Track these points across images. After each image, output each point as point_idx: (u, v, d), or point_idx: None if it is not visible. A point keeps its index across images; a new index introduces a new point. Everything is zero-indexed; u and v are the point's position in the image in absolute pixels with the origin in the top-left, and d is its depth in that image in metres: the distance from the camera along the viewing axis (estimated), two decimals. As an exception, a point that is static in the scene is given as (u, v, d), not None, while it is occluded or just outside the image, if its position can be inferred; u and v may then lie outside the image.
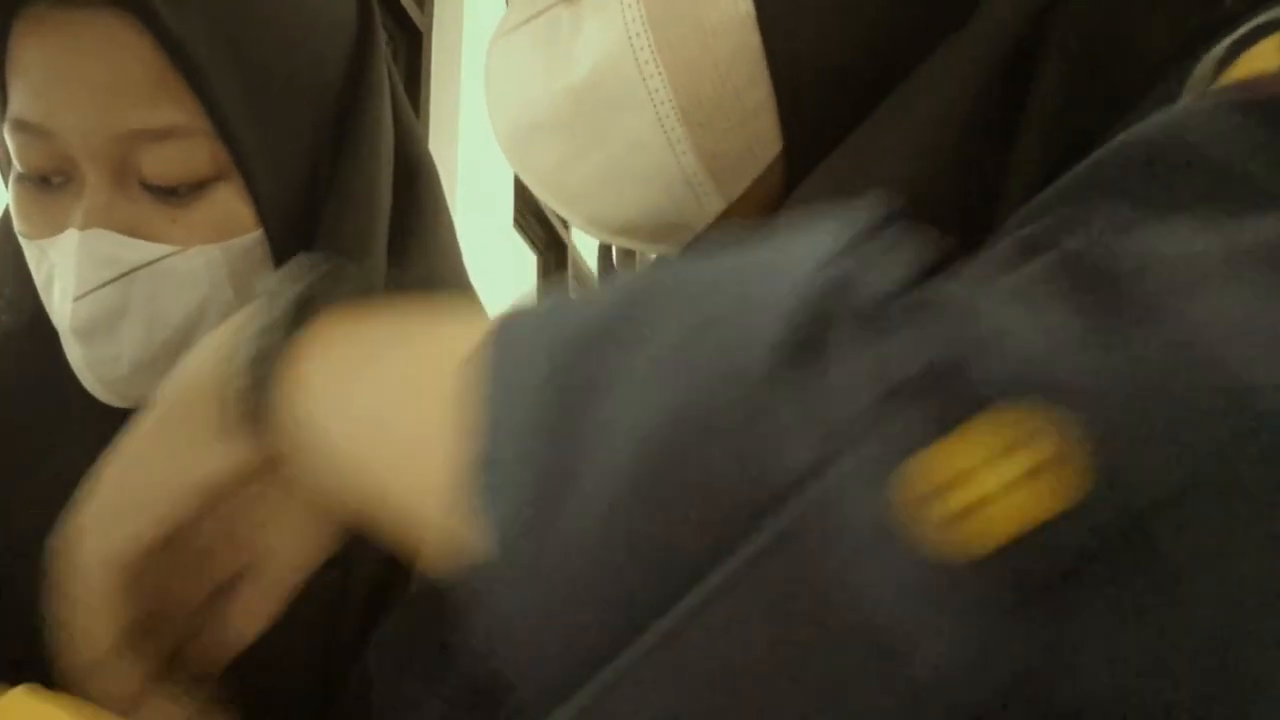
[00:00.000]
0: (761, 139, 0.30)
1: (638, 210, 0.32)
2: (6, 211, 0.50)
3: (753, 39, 0.28)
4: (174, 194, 0.44)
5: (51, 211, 0.44)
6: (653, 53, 0.29)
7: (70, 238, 0.43)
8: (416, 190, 0.56)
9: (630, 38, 0.29)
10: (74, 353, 0.45)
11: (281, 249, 0.47)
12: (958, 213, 0.26)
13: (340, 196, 0.49)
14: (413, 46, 1.95)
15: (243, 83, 0.44)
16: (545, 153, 0.33)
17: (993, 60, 0.26)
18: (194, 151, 0.43)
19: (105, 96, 0.41)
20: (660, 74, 0.29)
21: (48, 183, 0.44)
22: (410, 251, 0.55)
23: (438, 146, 1.92)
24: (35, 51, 0.42)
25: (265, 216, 0.46)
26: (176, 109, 0.42)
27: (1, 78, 0.44)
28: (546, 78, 0.31)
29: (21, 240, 0.46)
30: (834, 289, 0.15)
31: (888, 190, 0.25)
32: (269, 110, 0.45)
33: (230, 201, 0.45)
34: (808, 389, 0.14)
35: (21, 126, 0.43)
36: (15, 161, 0.45)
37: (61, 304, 0.43)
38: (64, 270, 0.43)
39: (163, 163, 0.43)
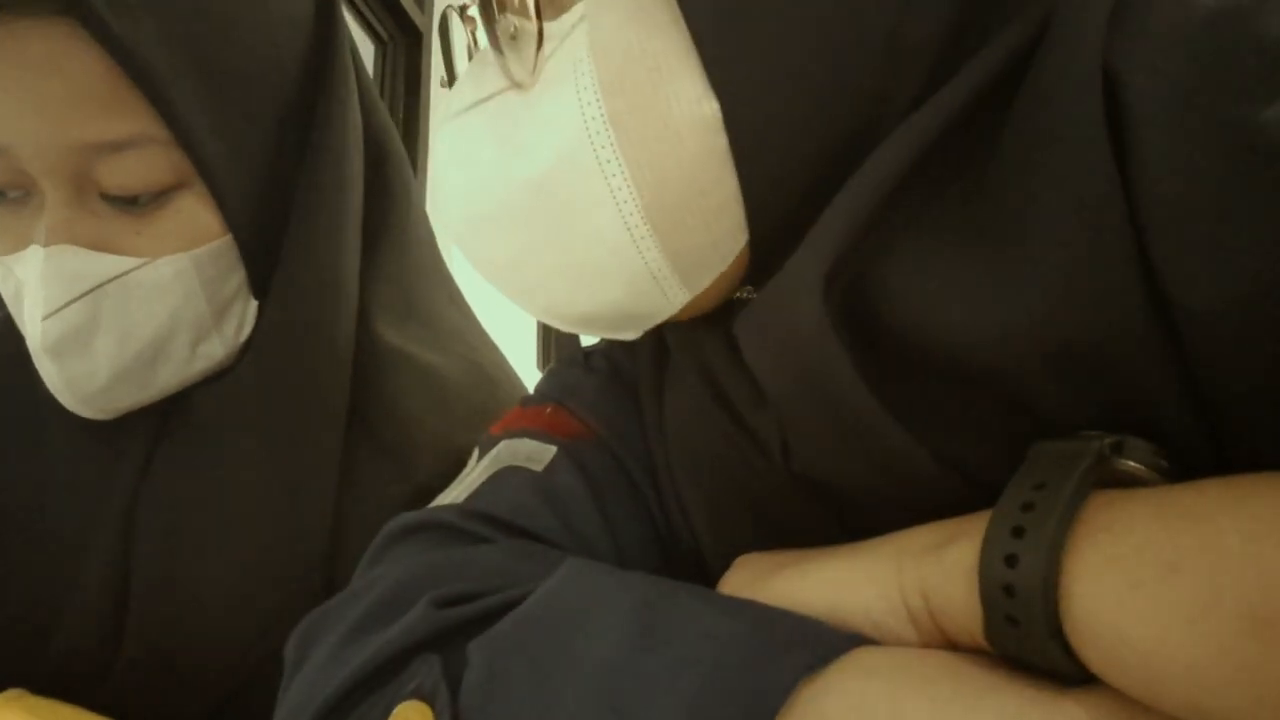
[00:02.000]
0: (727, 235, 0.29)
1: (599, 304, 0.31)
2: None
3: (719, 140, 0.27)
4: (136, 204, 0.43)
5: (12, 227, 0.43)
6: (614, 151, 0.28)
7: (35, 255, 0.42)
8: (386, 182, 0.55)
9: (590, 135, 0.28)
10: (48, 370, 0.44)
11: (251, 252, 0.47)
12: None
13: (308, 195, 0.48)
14: (412, 47, 1.94)
15: (199, 88, 0.42)
16: (499, 245, 0.32)
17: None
18: (153, 161, 0.42)
19: (57, 109, 0.40)
20: (623, 172, 0.28)
21: (4, 198, 0.43)
22: (382, 244, 0.54)
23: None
24: None
25: (232, 222, 0.45)
26: (132, 119, 0.41)
27: None
28: (499, 168, 0.30)
29: None
30: None
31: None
32: (228, 114, 0.44)
33: (195, 209, 0.44)
34: None
35: None
36: None
37: (32, 323, 0.43)
38: (32, 288, 0.42)
39: (122, 174, 0.42)
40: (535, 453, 0.40)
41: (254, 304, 0.48)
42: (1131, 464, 0.23)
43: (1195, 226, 0.22)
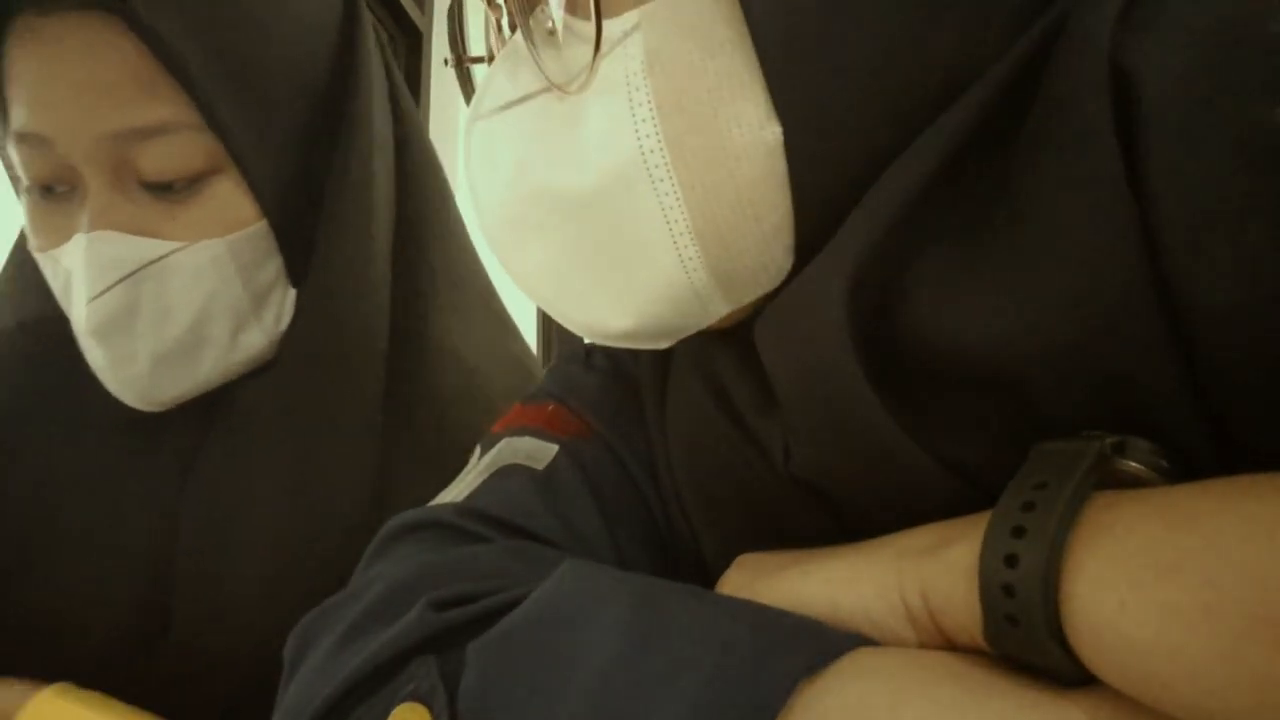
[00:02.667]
0: (777, 256, 0.29)
1: (639, 317, 0.30)
2: (22, 230, 0.51)
3: (779, 165, 0.27)
4: (172, 190, 0.44)
5: (59, 221, 0.45)
6: (668, 170, 0.27)
7: (78, 242, 0.43)
8: (419, 175, 0.56)
9: (644, 154, 0.27)
10: (94, 355, 0.45)
11: (286, 240, 0.48)
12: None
13: (339, 182, 0.49)
14: (413, 46, 1.94)
15: (228, 74, 0.43)
16: (538, 255, 0.31)
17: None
18: (187, 146, 0.43)
19: (93, 98, 0.42)
20: (676, 192, 0.27)
21: (53, 193, 0.45)
22: (421, 235, 0.55)
23: (438, 146, 1.91)
24: (28, 61, 0.43)
25: (266, 207, 0.46)
26: (165, 105, 0.43)
27: (2, 95, 0.45)
28: (545, 176, 0.29)
29: (37, 256, 0.46)
30: None
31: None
32: (257, 99, 0.45)
33: (229, 194, 0.45)
34: None
35: (23, 138, 0.43)
36: (22, 174, 0.45)
37: (78, 308, 0.44)
38: (77, 275, 0.44)
39: (158, 159, 0.43)
40: (536, 451, 0.40)
41: (292, 293, 0.49)
42: (1133, 464, 0.23)
43: (1209, 228, 0.22)
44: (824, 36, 0.26)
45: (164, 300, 0.45)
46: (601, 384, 0.43)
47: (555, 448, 0.40)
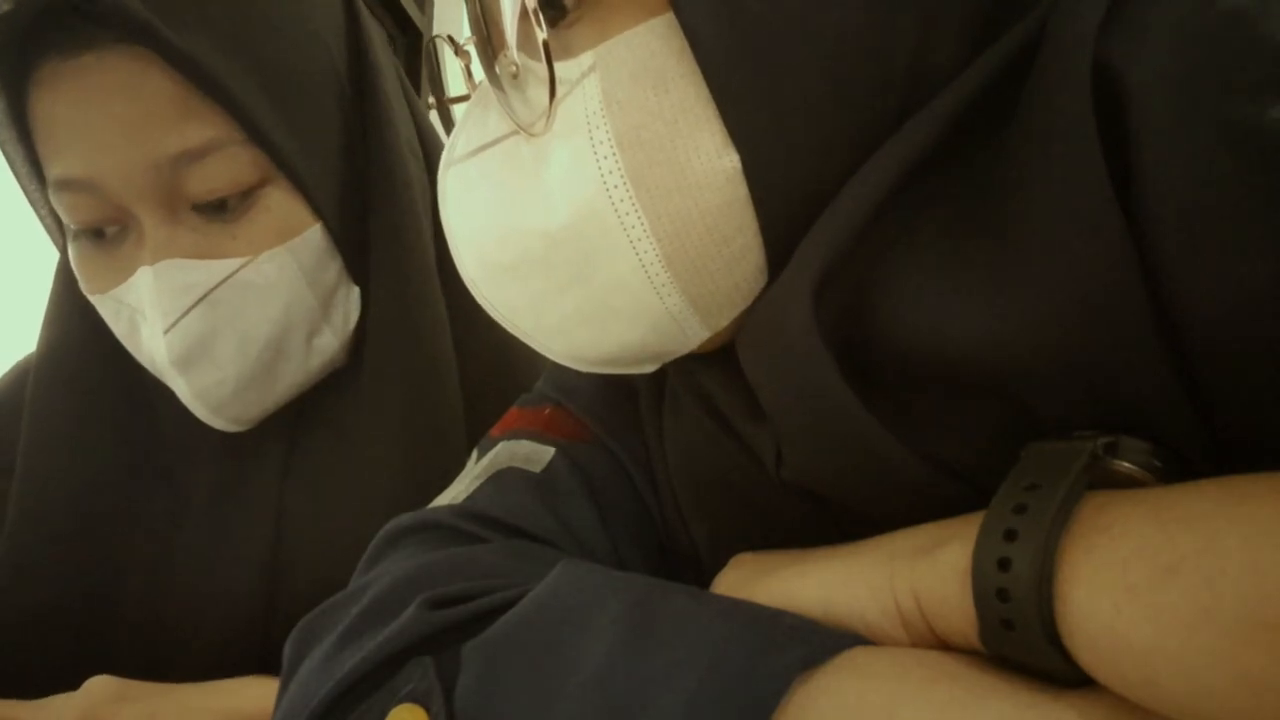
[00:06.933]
0: (749, 276, 0.29)
1: (619, 345, 0.31)
2: (62, 269, 0.51)
3: (740, 190, 0.27)
4: (226, 208, 0.44)
5: (114, 261, 0.45)
6: (633, 204, 0.28)
7: (144, 276, 0.43)
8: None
9: (608, 190, 0.28)
10: (179, 386, 0.45)
11: (342, 239, 0.48)
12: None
13: (381, 178, 0.50)
14: (413, 47, 1.94)
15: (261, 84, 0.44)
16: (517, 293, 0.32)
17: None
18: (233, 162, 0.43)
19: (135, 130, 0.41)
20: (642, 224, 0.28)
21: (103, 235, 0.45)
22: None
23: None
24: (58, 107, 0.42)
25: (320, 209, 0.47)
26: (206, 125, 0.43)
27: (30, 146, 0.45)
28: (516, 217, 0.30)
29: (93, 300, 0.46)
30: None
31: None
32: (294, 106, 0.45)
33: (282, 202, 0.45)
34: None
35: (64, 185, 0.43)
36: (67, 221, 0.45)
37: (153, 341, 0.44)
38: (148, 308, 0.43)
39: (207, 180, 0.43)
40: (533, 454, 0.40)
41: (356, 291, 0.50)
42: (1126, 464, 0.23)
43: (1200, 228, 0.21)
44: (773, 63, 0.26)
45: (240, 319, 0.45)
46: (600, 388, 0.43)
47: (552, 450, 0.40)
